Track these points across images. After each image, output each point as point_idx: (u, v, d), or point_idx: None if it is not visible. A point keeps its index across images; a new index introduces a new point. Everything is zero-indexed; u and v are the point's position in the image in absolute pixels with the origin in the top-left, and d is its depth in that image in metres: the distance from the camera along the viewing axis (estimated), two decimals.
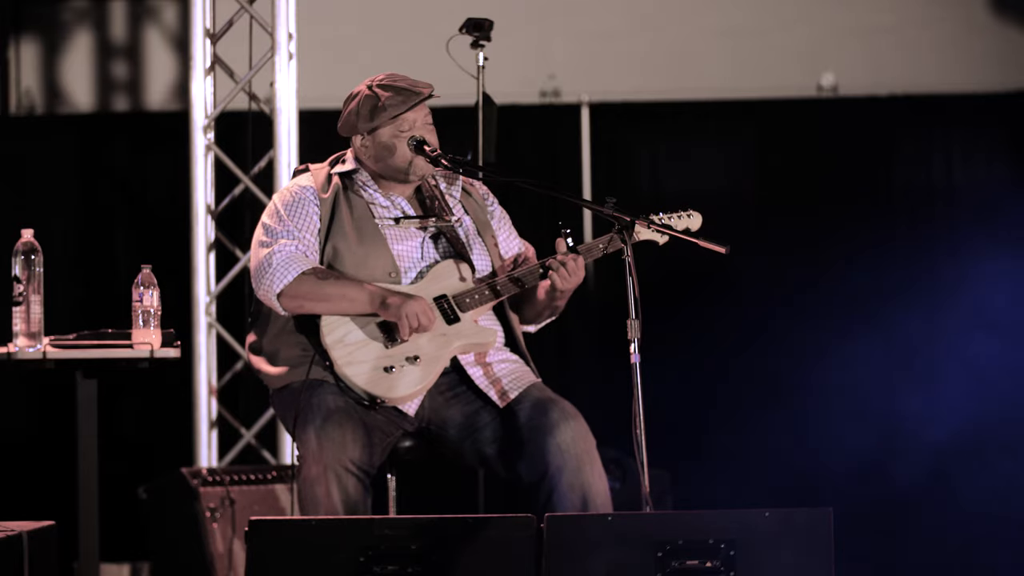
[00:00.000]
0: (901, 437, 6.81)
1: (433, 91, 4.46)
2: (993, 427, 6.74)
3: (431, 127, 4.46)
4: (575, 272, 4.37)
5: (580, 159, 7.21)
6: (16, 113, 7.30)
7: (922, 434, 6.74)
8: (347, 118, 4.46)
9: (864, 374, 6.92)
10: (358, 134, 4.45)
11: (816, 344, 6.87)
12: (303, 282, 4.31)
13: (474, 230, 4.52)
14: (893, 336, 6.96)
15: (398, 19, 7.20)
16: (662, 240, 4.54)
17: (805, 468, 6.73)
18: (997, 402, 6.75)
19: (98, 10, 7.30)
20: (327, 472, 4.16)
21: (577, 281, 4.39)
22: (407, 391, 4.29)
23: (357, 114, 4.43)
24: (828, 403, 6.83)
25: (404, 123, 4.41)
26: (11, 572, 3.95)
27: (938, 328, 6.89)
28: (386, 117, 4.40)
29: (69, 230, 7.14)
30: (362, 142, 4.46)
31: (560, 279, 4.37)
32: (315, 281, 4.31)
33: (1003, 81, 7.24)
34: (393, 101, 4.40)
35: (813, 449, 6.78)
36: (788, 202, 7.20)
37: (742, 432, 6.87)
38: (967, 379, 6.75)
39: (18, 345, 4.26)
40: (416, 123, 4.43)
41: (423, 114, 4.44)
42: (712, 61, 7.28)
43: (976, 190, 7.16)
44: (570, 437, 4.25)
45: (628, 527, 3.91)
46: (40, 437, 7.03)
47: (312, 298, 4.31)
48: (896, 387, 6.89)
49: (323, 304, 4.31)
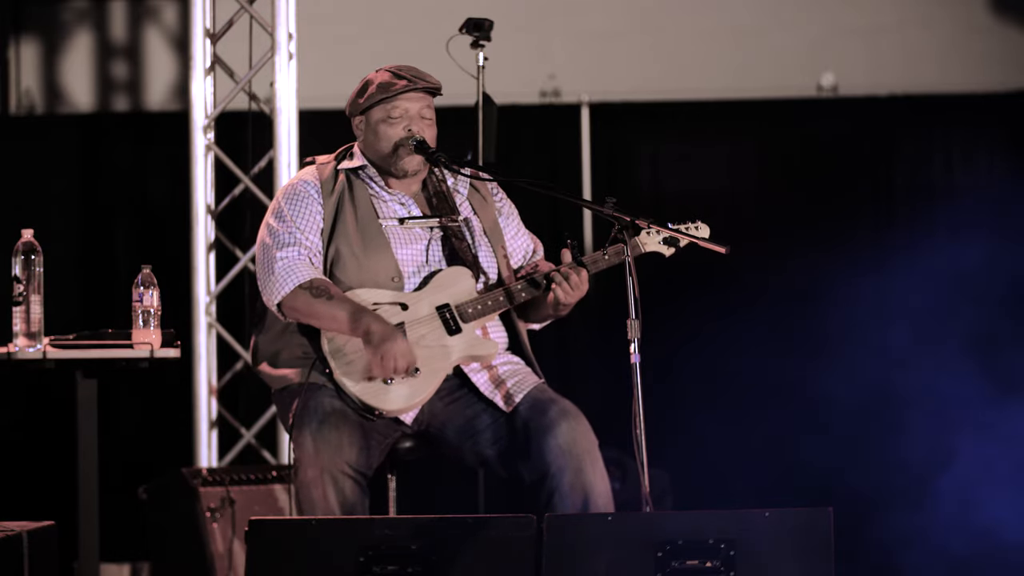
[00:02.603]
0: (904, 434, 6.81)
1: (436, 85, 4.44)
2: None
3: (430, 123, 4.42)
4: (578, 287, 4.36)
5: (580, 159, 7.21)
6: (16, 113, 7.30)
7: (923, 433, 6.74)
8: (350, 98, 4.46)
9: (864, 374, 6.92)
10: (355, 115, 4.45)
11: (817, 344, 6.87)
12: (298, 296, 4.30)
13: (480, 230, 4.49)
14: (893, 336, 6.96)
15: (398, 19, 7.20)
16: (668, 252, 4.52)
17: (806, 468, 6.73)
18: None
19: (98, 10, 7.30)
20: (323, 475, 4.16)
21: (580, 295, 4.37)
22: (404, 404, 4.28)
23: (356, 93, 4.44)
24: (829, 403, 6.83)
25: (396, 109, 4.38)
26: (11, 572, 3.95)
27: (937, 327, 6.89)
28: (377, 97, 4.38)
29: (69, 230, 7.14)
30: (357, 124, 4.46)
31: (563, 293, 4.35)
32: (308, 298, 4.29)
33: (1003, 81, 7.24)
34: (388, 84, 4.39)
35: (813, 449, 6.78)
36: (788, 202, 7.20)
37: (743, 432, 6.87)
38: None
39: (18, 345, 4.26)
40: (411, 113, 4.39)
41: (420, 106, 4.40)
42: (712, 61, 7.28)
43: (976, 190, 7.16)
44: (571, 437, 4.24)
45: (628, 527, 3.91)
46: (40, 437, 7.03)
47: (304, 314, 4.31)
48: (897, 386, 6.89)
49: (314, 321, 4.31)
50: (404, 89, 4.38)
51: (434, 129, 4.43)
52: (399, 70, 4.42)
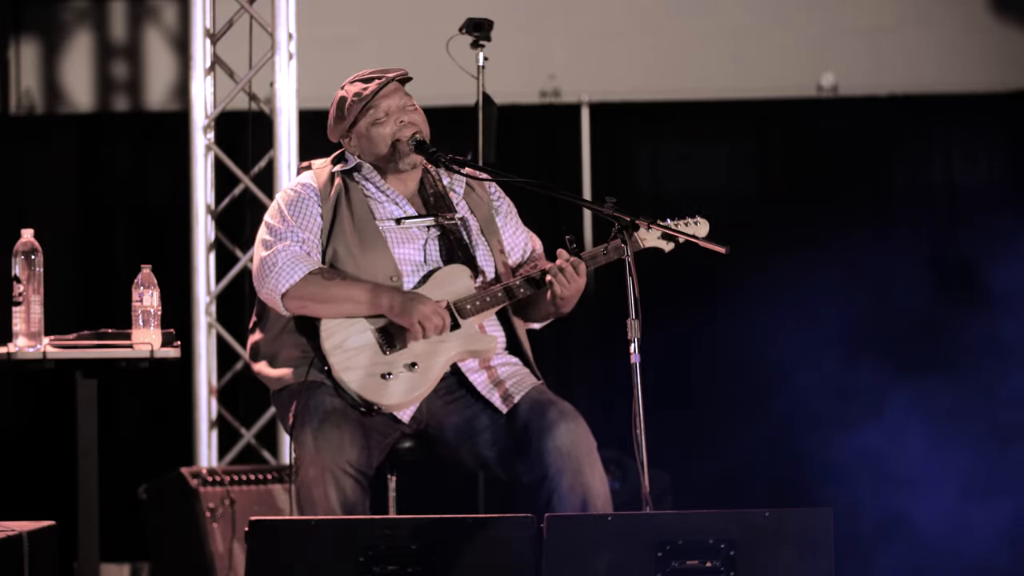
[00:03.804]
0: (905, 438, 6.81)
1: (404, 74, 4.44)
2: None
3: (413, 108, 4.42)
4: (574, 279, 4.35)
5: (580, 159, 7.21)
6: (16, 113, 7.30)
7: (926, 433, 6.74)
8: (330, 126, 4.47)
9: (864, 373, 6.92)
10: (343, 137, 4.46)
11: (817, 343, 6.87)
12: (309, 282, 4.30)
13: (477, 228, 4.50)
14: (893, 335, 6.96)
15: (398, 19, 7.20)
16: (667, 247, 4.53)
17: (806, 468, 6.73)
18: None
19: (98, 10, 7.30)
20: (325, 474, 4.16)
21: (577, 288, 4.37)
22: (403, 398, 4.29)
23: (335, 118, 4.45)
24: (830, 402, 6.83)
25: (378, 111, 4.39)
26: (11, 572, 3.95)
27: (938, 327, 6.89)
28: (356, 109, 4.39)
29: (69, 230, 7.14)
30: (349, 143, 4.46)
31: (560, 286, 4.35)
32: (321, 282, 4.29)
33: (1003, 81, 7.24)
34: (359, 92, 4.39)
35: (813, 449, 6.77)
36: (788, 202, 7.20)
37: (743, 432, 6.87)
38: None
39: (18, 345, 4.26)
40: (392, 109, 4.40)
41: (399, 100, 4.41)
42: (712, 61, 7.28)
43: (976, 190, 7.16)
44: (570, 439, 4.24)
45: (628, 527, 3.91)
46: (40, 437, 7.03)
47: (317, 299, 4.29)
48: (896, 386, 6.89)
49: (327, 306, 4.29)
50: (378, 88, 4.40)
51: (421, 114, 4.45)
52: (362, 77, 4.43)
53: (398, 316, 4.26)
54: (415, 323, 4.24)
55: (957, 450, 6.73)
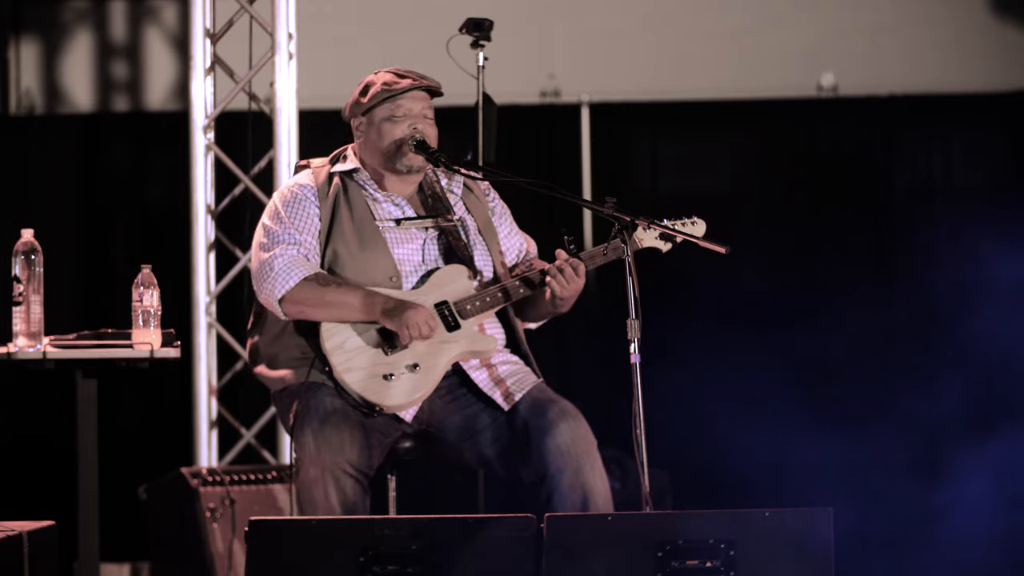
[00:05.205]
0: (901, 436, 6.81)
1: (437, 86, 4.46)
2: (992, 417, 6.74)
3: (431, 122, 4.44)
4: (573, 279, 4.35)
5: (580, 159, 7.21)
6: (16, 113, 7.29)
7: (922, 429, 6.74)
8: (348, 102, 4.48)
9: (864, 372, 6.92)
10: (356, 116, 4.46)
11: (816, 343, 6.87)
12: (305, 288, 4.30)
13: (475, 229, 4.51)
14: (893, 335, 6.96)
15: (398, 19, 7.20)
16: (665, 248, 4.54)
17: (806, 468, 6.73)
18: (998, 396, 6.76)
19: (98, 10, 7.30)
20: (325, 474, 4.16)
21: (576, 288, 4.37)
22: (405, 399, 4.29)
23: (356, 96, 4.46)
24: (828, 403, 6.82)
25: (399, 108, 4.40)
26: (11, 572, 3.95)
27: (937, 327, 6.89)
28: (380, 97, 4.40)
29: (69, 230, 7.14)
30: (358, 125, 4.46)
31: (558, 286, 4.35)
32: (316, 287, 4.30)
33: (1003, 81, 7.24)
34: (392, 83, 4.41)
35: (812, 449, 6.77)
36: (788, 202, 7.20)
37: (743, 432, 6.86)
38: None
39: (18, 345, 4.26)
40: (414, 112, 4.41)
41: (423, 106, 4.43)
42: (712, 61, 7.28)
43: (976, 190, 7.15)
44: (570, 438, 4.25)
45: (628, 527, 3.91)
46: (40, 437, 7.02)
47: (313, 304, 4.30)
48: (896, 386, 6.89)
49: (323, 311, 4.30)
50: (409, 88, 4.41)
51: (435, 129, 4.46)
52: (398, 71, 4.45)
53: (388, 321, 4.26)
54: (402, 327, 4.24)
55: (957, 450, 6.73)
